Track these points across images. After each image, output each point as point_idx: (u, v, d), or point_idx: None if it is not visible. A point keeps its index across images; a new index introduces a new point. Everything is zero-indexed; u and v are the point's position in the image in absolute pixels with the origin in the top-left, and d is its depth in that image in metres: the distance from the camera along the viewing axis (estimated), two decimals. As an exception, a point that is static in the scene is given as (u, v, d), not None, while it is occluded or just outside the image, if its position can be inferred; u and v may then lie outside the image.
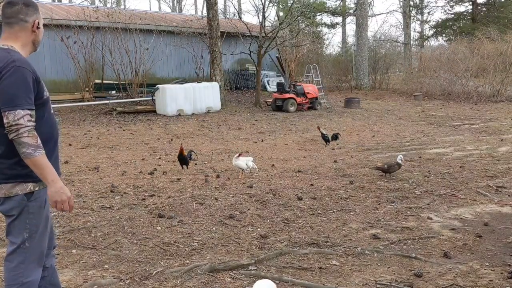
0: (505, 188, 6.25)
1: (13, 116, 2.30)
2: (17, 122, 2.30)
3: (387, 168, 6.87)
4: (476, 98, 19.57)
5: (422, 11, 39.56)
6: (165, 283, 3.48)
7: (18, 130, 2.30)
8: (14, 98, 2.32)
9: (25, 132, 2.31)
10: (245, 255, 4.01)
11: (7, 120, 2.30)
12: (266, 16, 19.24)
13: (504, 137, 10.81)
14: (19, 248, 2.48)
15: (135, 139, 11.19)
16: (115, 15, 17.05)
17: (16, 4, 2.48)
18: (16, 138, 2.31)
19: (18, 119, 2.30)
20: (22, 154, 2.34)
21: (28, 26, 2.51)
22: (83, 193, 6.18)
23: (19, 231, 2.48)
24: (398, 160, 6.87)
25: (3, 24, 2.49)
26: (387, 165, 6.93)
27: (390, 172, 6.89)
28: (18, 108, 2.31)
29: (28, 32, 2.52)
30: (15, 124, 2.30)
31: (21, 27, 2.50)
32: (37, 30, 2.55)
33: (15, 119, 2.30)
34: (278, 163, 8.32)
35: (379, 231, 4.64)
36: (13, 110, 2.30)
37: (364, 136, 11.61)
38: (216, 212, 5.27)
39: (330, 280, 3.56)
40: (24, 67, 2.36)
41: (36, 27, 2.54)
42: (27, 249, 2.49)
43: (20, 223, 2.47)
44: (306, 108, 17.08)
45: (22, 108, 2.32)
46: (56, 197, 2.42)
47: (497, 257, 3.99)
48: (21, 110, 2.31)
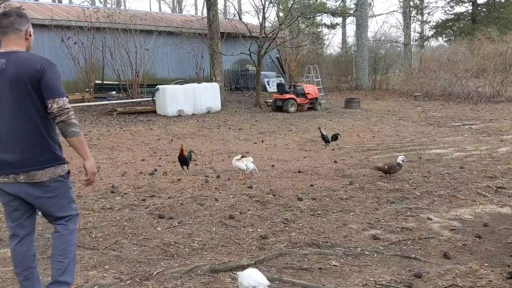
0: (504, 188, 6.26)
1: (62, 102, 2.76)
2: (67, 106, 2.77)
3: (388, 169, 6.88)
4: (476, 99, 19.56)
5: (422, 11, 39.57)
6: (166, 283, 3.50)
7: (68, 113, 2.76)
8: (59, 88, 2.79)
9: (72, 114, 2.78)
10: (245, 256, 4.02)
11: (58, 105, 2.74)
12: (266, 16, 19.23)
13: (504, 138, 10.82)
14: (74, 216, 3.01)
15: (135, 140, 11.20)
16: (115, 15, 17.06)
17: (11, 15, 2.84)
18: (67, 120, 2.76)
19: (66, 104, 2.78)
20: (71, 133, 2.79)
21: (22, 34, 2.87)
22: (83, 193, 6.19)
23: (67, 205, 2.96)
24: (399, 161, 6.88)
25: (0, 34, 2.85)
26: (387, 166, 6.94)
27: (390, 172, 6.90)
28: (64, 95, 2.79)
29: (23, 39, 2.88)
30: (65, 108, 2.75)
31: (17, 35, 2.85)
32: (30, 37, 2.91)
33: (64, 103, 2.76)
34: (278, 163, 8.33)
35: (379, 232, 4.65)
36: (61, 97, 2.77)
37: (364, 137, 11.62)
38: (216, 212, 5.29)
39: (330, 280, 3.57)
40: (55, 64, 2.82)
41: (29, 35, 2.90)
42: (77, 217, 3.06)
43: (67, 199, 2.95)
44: (306, 108, 17.09)
45: (65, 95, 2.80)
46: (93, 169, 2.95)
47: (496, 258, 4.00)
48: (66, 97, 2.79)
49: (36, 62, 2.76)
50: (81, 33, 16.05)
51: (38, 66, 2.74)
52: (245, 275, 3.25)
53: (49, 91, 2.75)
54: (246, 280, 3.20)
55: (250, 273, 3.27)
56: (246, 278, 3.21)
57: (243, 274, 3.27)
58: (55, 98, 2.75)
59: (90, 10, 17.63)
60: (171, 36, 18.98)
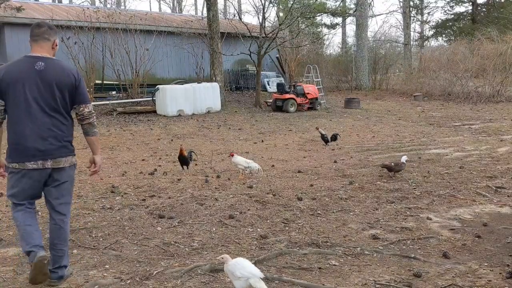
0: (504, 188, 6.27)
1: (91, 107, 3.44)
2: (93, 110, 3.44)
3: (394, 166, 6.92)
4: (476, 99, 19.57)
5: (422, 11, 39.58)
6: (166, 283, 3.50)
7: (93, 116, 3.45)
8: (87, 95, 3.48)
9: (95, 117, 3.47)
10: (245, 256, 4.02)
11: (88, 109, 3.42)
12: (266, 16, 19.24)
13: (504, 138, 10.83)
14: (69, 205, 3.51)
15: (135, 140, 11.21)
16: (115, 15, 17.07)
17: (43, 26, 3.40)
18: (93, 121, 3.44)
19: (92, 109, 3.44)
20: (93, 133, 3.46)
21: (50, 43, 3.41)
22: (83, 193, 6.20)
23: (71, 192, 3.52)
24: (403, 161, 6.95)
25: (32, 41, 3.38)
26: (394, 163, 6.98)
27: (396, 170, 6.93)
28: (90, 102, 3.48)
29: (50, 48, 3.41)
30: (92, 112, 3.44)
31: (46, 44, 3.39)
32: (55, 47, 3.46)
33: (92, 108, 3.44)
34: (278, 163, 8.34)
35: (379, 232, 4.66)
36: (89, 103, 3.45)
37: (364, 137, 11.63)
38: (216, 212, 5.30)
39: (330, 280, 3.58)
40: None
41: (55, 45, 3.45)
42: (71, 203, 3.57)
43: (71, 185, 3.51)
44: (306, 108, 17.10)
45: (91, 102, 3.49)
46: (101, 162, 3.60)
47: (496, 257, 4.00)
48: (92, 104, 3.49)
49: (73, 72, 3.40)
50: (81, 33, 16.06)
51: (76, 75, 3.38)
52: (238, 265, 3.21)
53: (82, 98, 3.41)
54: (239, 271, 3.17)
55: (243, 264, 3.24)
56: (239, 269, 3.18)
57: (235, 264, 3.23)
58: (87, 104, 3.42)
59: (90, 10, 17.64)
60: (171, 36, 18.99)
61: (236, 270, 3.18)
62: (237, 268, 3.19)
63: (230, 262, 3.26)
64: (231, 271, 3.22)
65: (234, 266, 3.22)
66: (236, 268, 3.19)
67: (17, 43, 16.23)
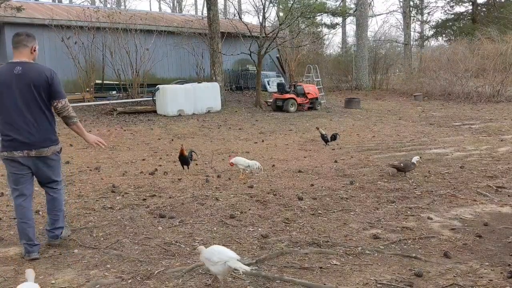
0: (505, 188, 6.27)
1: (64, 102, 3.97)
2: (67, 104, 3.99)
3: (403, 167, 6.91)
4: (476, 99, 19.58)
5: (422, 11, 39.57)
6: (167, 282, 3.50)
7: (68, 109, 3.99)
8: (62, 91, 4.00)
9: (71, 110, 4.03)
10: (246, 255, 4.03)
11: (61, 104, 3.96)
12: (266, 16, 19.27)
13: (504, 138, 10.83)
14: (60, 181, 4.20)
15: (135, 139, 11.21)
16: (115, 15, 17.06)
17: (21, 35, 3.96)
18: (67, 114, 4.00)
19: (67, 103, 3.99)
20: (72, 123, 4.06)
21: (28, 49, 3.95)
22: (84, 193, 6.20)
23: (59, 172, 4.17)
24: (414, 161, 6.93)
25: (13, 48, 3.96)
26: (403, 164, 6.97)
27: (405, 171, 6.93)
28: (65, 97, 4.00)
29: (29, 53, 3.96)
30: (66, 106, 3.97)
31: (25, 50, 3.94)
32: (34, 52, 3.99)
33: (66, 103, 3.98)
34: (279, 163, 8.34)
35: (380, 231, 4.66)
36: (63, 98, 3.98)
37: (364, 137, 11.63)
38: (217, 212, 5.30)
39: (331, 279, 3.58)
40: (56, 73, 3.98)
41: (33, 50, 3.98)
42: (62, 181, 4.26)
43: (58, 168, 4.16)
44: (306, 108, 17.10)
45: (65, 97, 4.02)
46: (93, 139, 4.24)
47: (496, 257, 4.00)
48: (66, 98, 4.01)
49: (46, 72, 3.88)
50: (81, 33, 16.06)
51: (49, 75, 3.88)
52: (214, 251, 3.37)
53: (56, 94, 3.93)
54: (217, 256, 3.30)
55: (219, 249, 3.40)
56: (216, 255, 3.32)
57: (211, 251, 3.38)
58: (60, 99, 3.95)
59: (90, 10, 17.64)
60: (171, 36, 18.99)
61: (213, 256, 3.32)
62: (214, 254, 3.33)
63: (204, 250, 3.43)
64: (208, 258, 3.35)
65: (211, 253, 3.36)
66: (213, 254, 3.33)
67: (17, 43, 16.22)
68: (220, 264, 3.29)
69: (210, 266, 3.35)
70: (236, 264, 3.29)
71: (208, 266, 3.37)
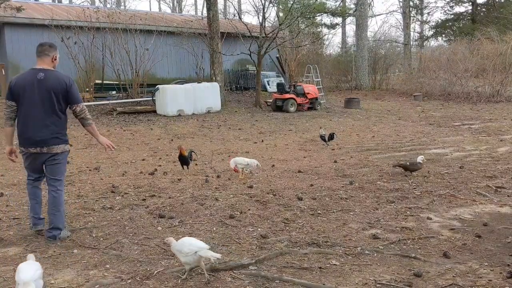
0: (504, 188, 6.27)
1: (82, 105, 4.42)
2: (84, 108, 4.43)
3: (409, 166, 6.92)
4: (475, 99, 19.59)
5: (421, 11, 39.60)
6: (166, 282, 3.50)
7: (85, 112, 4.42)
8: (79, 97, 4.45)
9: (87, 113, 4.46)
10: (246, 255, 4.03)
11: (80, 108, 4.39)
12: (266, 16, 19.25)
13: (504, 138, 10.83)
14: (62, 181, 4.48)
15: (135, 140, 11.21)
16: (115, 15, 17.07)
17: (44, 45, 4.45)
18: (85, 116, 4.42)
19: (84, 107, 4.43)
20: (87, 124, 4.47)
21: (50, 58, 4.43)
22: (84, 193, 6.20)
23: (63, 171, 4.49)
24: (419, 160, 6.94)
25: (36, 56, 4.42)
26: (409, 163, 6.98)
27: (411, 170, 6.93)
28: (82, 101, 4.48)
29: (50, 61, 4.44)
30: (83, 109, 4.41)
31: (47, 58, 4.41)
32: (54, 61, 4.47)
33: (82, 107, 4.41)
34: (278, 163, 8.34)
35: (379, 231, 4.66)
36: (80, 103, 4.42)
37: (364, 137, 11.63)
38: (217, 212, 5.30)
39: (330, 279, 3.58)
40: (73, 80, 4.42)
41: (54, 59, 4.45)
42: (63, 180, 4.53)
43: (63, 167, 4.49)
44: (306, 108, 17.10)
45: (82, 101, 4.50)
46: (105, 142, 4.60)
47: (496, 257, 4.01)
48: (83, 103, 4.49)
49: (65, 80, 4.35)
50: (81, 33, 16.06)
51: (67, 82, 4.34)
52: (185, 243, 3.52)
53: (74, 99, 4.38)
54: (187, 247, 3.45)
55: (189, 241, 3.56)
56: (187, 246, 3.48)
57: (181, 243, 3.53)
58: (78, 104, 4.40)
59: (90, 10, 17.64)
60: (171, 36, 18.99)
61: (184, 247, 3.47)
62: (185, 245, 3.48)
63: (174, 242, 3.57)
64: (179, 249, 3.50)
65: (182, 244, 3.50)
66: (184, 245, 3.48)
67: (17, 43, 16.24)
68: (191, 254, 3.45)
69: (182, 257, 3.50)
70: (207, 253, 3.46)
71: (180, 257, 3.52)
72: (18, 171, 7.77)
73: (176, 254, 3.57)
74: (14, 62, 16.35)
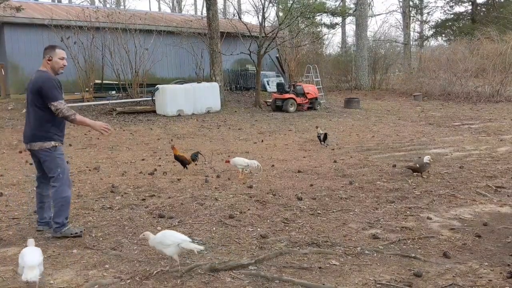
0: (504, 188, 6.26)
1: (56, 104, 4.36)
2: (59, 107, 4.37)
3: (419, 167, 6.91)
4: (475, 98, 19.58)
5: (421, 11, 39.61)
6: (166, 282, 3.50)
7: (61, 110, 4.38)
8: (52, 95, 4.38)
9: (64, 110, 4.40)
10: (245, 255, 4.02)
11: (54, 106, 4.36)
12: (266, 16, 19.27)
13: (504, 137, 10.83)
14: (56, 178, 4.45)
15: (135, 140, 11.20)
16: (115, 15, 17.06)
17: (46, 48, 4.61)
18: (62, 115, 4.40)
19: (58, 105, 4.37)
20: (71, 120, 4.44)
21: (45, 59, 4.53)
22: (83, 193, 6.19)
23: (52, 168, 4.46)
24: (426, 160, 6.93)
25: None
26: (418, 164, 6.98)
27: (421, 171, 6.92)
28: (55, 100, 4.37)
29: (46, 62, 4.53)
30: (58, 108, 4.36)
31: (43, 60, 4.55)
32: (49, 61, 4.52)
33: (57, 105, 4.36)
34: (278, 163, 8.33)
35: (379, 231, 4.66)
36: (54, 101, 4.36)
37: (363, 137, 11.63)
38: (216, 212, 5.29)
39: (330, 279, 3.57)
40: (52, 78, 4.46)
41: (48, 60, 4.52)
42: (61, 178, 4.47)
43: (51, 164, 4.46)
44: (306, 108, 17.10)
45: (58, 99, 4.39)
46: (98, 126, 4.59)
47: (496, 257, 4.00)
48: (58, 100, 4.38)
49: (39, 80, 4.42)
50: (80, 32, 16.05)
51: (40, 83, 4.40)
52: (166, 235, 3.62)
53: (48, 98, 4.39)
54: (169, 239, 3.56)
55: (171, 233, 3.67)
56: (168, 237, 3.58)
57: (162, 235, 3.62)
58: (51, 102, 4.38)
59: (89, 9, 17.63)
60: (170, 36, 18.97)
61: (166, 239, 3.57)
62: (166, 237, 3.58)
63: (152, 236, 3.67)
64: (160, 242, 3.59)
65: (163, 237, 3.60)
66: (166, 237, 3.58)
67: (16, 42, 16.22)
68: (173, 246, 3.55)
69: (163, 249, 3.58)
70: (190, 245, 3.57)
71: (161, 249, 3.60)
72: (18, 171, 7.77)
73: (156, 246, 3.63)
74: (13, 62, 16.34)
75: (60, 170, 4.47)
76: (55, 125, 4.49)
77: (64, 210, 4.48)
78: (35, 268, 3.24)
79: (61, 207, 4.46)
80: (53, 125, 4.48)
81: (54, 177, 4.46)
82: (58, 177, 4.46)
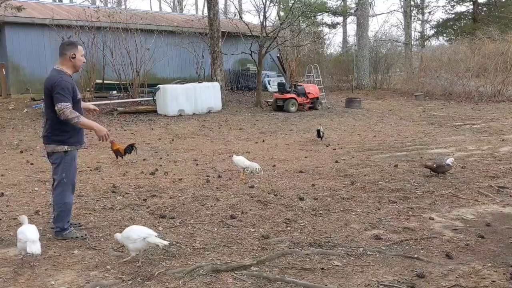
0: (506, 188, 6.24)
1: (60, 106, 4.21)
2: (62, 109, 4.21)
3: (436, 167, 6.87)
4: (477, 98, 19.54)
5: (423, 11, 39.53)
6: (167, 283, 3.48)
7: (64, 113, 4.21)
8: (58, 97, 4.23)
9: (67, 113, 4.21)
10: (247, 256, 4.01)
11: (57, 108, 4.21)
12: (267, 16, 19.26)
13: (506, 137, 10.80)
14: (60, 182, 4.43)
15: (136, 139, 11.17)
16: (116, 15, 17.04)
17: (63, 44, 4.55)
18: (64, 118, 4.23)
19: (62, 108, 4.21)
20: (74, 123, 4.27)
21: (67, 56, 4.43)
22: (84, 193, 6.18)
23: (58, 172, 4.41)
24: (448, 162, 6.87)
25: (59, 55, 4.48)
26: (435, 164, 6.93)
27: (438, 172, 6.88)
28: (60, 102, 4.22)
29: (68, 60, 4.44)
30: (60, 110, 4.21)
31: (63, 57, 4.44)
32: (72, 59, 4.45)
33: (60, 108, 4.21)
34: (280, 163, 8.31)
35: (381, 232, 4.64)
36: (59, 103, 4.21)
37: (365, 136, 11.60)
38: (218, 212, 5.27)
39: (332, 280, 3.55)
40: (65, 80, 4.31)
41: (71, 57, 4.43)
42: (64, 184, 4.44)
43: (59, 167, 4.41)
44: (307, 108, 17.07)
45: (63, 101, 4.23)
46: (101, 132, 4.48)
47: (499, 258, 3.98)
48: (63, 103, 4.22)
49: (53, 78, 4.30)
50: (81, 32, 16.02)
51: (53, 81, 4.28)
52: (133, 230, 3.73)
53: (54, 99, 4.26)
54: (136, 234, 3.68)
55: (138, 228, 3.81)
56: (135, 232, 3.69)
57: (129, 230, 3.74)
58: (56, 104, 4.24)
59: (91, 9, 17.61)
60: (171, 36, 18.96)
61: (133, 234, 3.68)
62: (133, 232, 3.70)
63: (119, 234, 3.82)
64: (127, 237, 3.71)
65: (130, 232, 3.72)
66: (133, 232, 3.70)
67: (17, 42, 16.22)
68: (139, 240, 3.66)
69: (130, 244, 3.70)
70: (156, 239, 3.69)
71: (128, 244, 3.72)
72: (19, 171, 7.76)
73: (124, 241, 3.75)
74: (14, 62, 16.34)
75: (65, 175, 4.42)
76: (69, 127, 4.35)
77: (64, 215, 4.46)
78: (37, 242, 3.57)
79: (61, 213, 4.44)
80: (68, 127, 4.35)
81: (58, 181, 4.44)
82: (62, 181, 4.43)
